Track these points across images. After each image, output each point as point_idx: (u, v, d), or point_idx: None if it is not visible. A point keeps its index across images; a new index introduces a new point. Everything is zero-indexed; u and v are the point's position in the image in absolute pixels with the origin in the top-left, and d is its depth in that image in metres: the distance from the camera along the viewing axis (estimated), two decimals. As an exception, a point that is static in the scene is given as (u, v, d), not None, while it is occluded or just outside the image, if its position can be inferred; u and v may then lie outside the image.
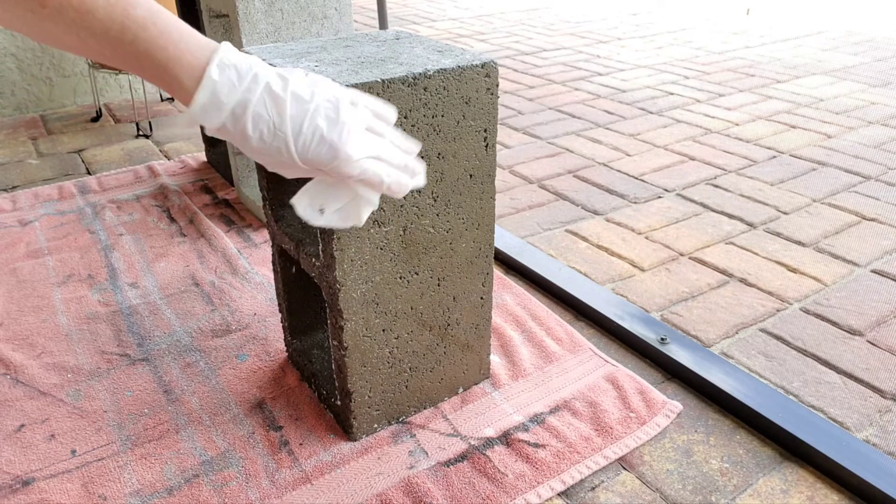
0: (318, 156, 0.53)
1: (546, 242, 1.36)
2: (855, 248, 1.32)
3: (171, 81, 0.52)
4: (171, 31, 0.52)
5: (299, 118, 0.52)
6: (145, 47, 0.52)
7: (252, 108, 0.52)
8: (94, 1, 0.51)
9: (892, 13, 3.86)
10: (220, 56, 0.52)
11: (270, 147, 0.53)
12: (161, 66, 0.52)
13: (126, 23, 0.51)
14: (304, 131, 0.52)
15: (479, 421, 0.88)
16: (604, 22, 3.64)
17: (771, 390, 0.92)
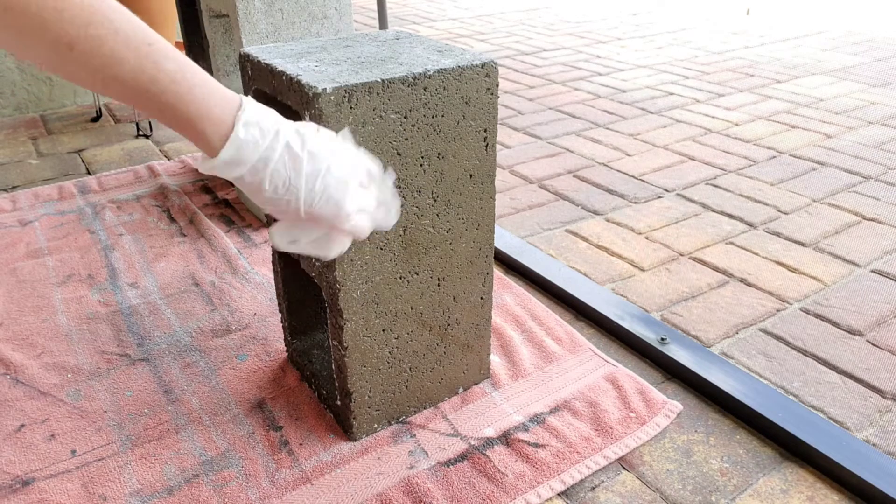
0: (323, 211, 0.57)
1: (546, 242, 1.36)
2: (855, 248, 1.32)
3: (196, 135, 0.55)
4: (198, 85, 0.54)
5: (313, 177, 0.56)
6: (174, 101, 0.54)
7: (272, 165, 0.55)
8: (125, 51, 0.52)
9: (892, 13, 3.86)
10: (246, 115, 0.55)
11: (281, 199, 0.56)
12: (188, 121, 0.54)
13: (157, 75, 0.53)
14: (315, 189, 0.56)
15: (479, 421, 0.88)
16: (604, 22, 3.64)
17: (771, 390, 0.92)
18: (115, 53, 0.52)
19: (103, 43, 0.51)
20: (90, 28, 0.51)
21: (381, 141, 0.71)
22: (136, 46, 0.53)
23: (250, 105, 0.56)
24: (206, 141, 0.55)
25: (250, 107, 0.56)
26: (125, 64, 0.52)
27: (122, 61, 0.52)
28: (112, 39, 0.52)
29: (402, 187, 0.75)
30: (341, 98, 0.66)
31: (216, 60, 1.41)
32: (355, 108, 0.68)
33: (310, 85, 0.66)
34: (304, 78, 0.68)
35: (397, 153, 0.73)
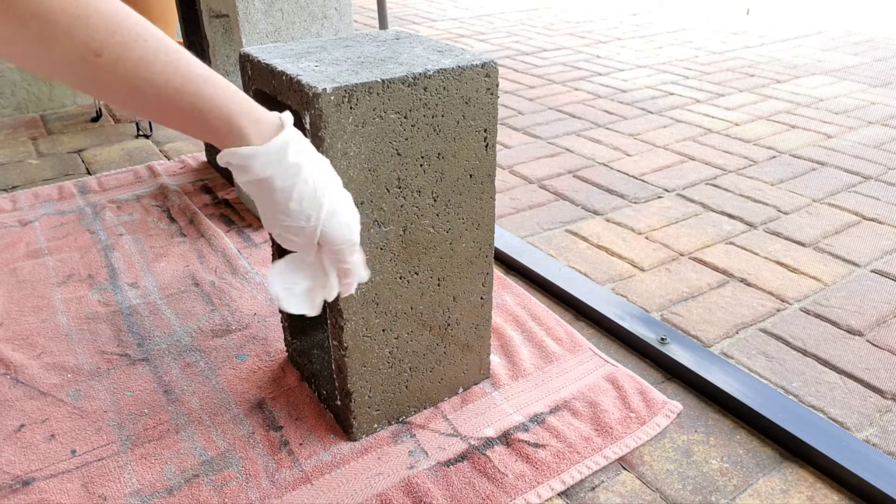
0: (336, 232, 0.57)
1: (546, 242, 1.36)
2: (855, 248, 1.32)
3: (231, 132, 0.54)
4: (232, 88, 0.54)
5: (336, 195, 0.57)
6: (209, 100, 0.53)
7: (304, 173, 0.54)
8: (153, 56, 0.52)
9: (892, 13, 3.86)
10: (291, 135, 0.54)
11: (301, 212, 0.56)
12: (225, 119, 0.53)
13: (189, 76, 0.53)
14: (336, 207, 0.56)
15: (479, 421, 0.88)
16: (604, 22, 3.64)
17: (771, 390, 0.92)
18: (144, 58, 0.51)
19: (131, 49, 0.51)
20: (116, 35, 0.50)
21: (381, 141, 0.71)
22: (165, 52, 0.53)
23: (288, 118, 0.56)
24: (241, 132, 0.54)
25: (288, 119, 0.56)
26: (155, 67, 0.52)
27: (151, 64, 0.52)
28: (140, 46, 0.52)
29: (402, 187, 0.75)
30: (341, 98, 0.66)
31: (216, 60, 1.41)
32: (355, 108, 0.68)
33: (310, 85, 0.66)
34: (304, 78, 0.68)
35: (397, 153, 0.73)
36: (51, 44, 0.49)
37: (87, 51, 0.50)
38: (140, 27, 0.52)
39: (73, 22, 0.49)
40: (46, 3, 0.47)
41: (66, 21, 0.49)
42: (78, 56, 0.50)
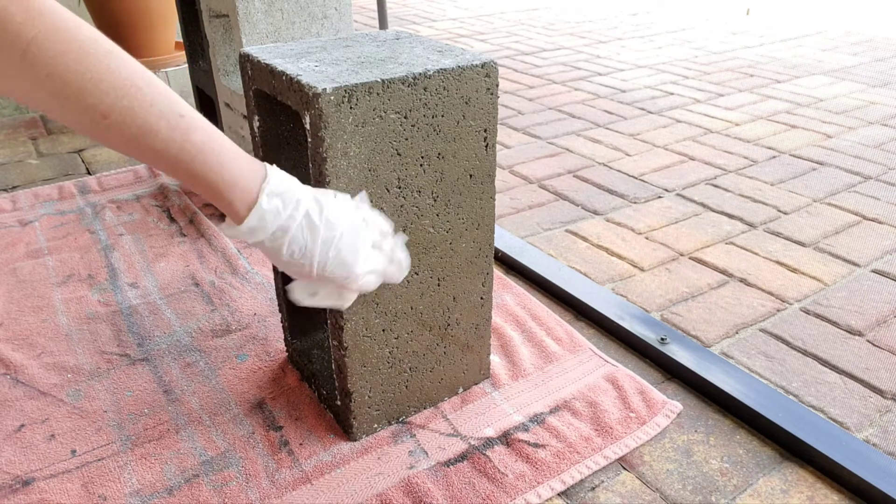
0: (334, 274, 0.62)
1: (546, 242, 1.36)
2: (855, 248, 1.32)
3: (224, 203, 0.59)
4: (226, 155, 0.58)
5: (327, 244, 0.61)
6: (202, 170, 0.57)
7: (291, 233, 0.59)
8: (157, 122, 0.55)
9: (891, 13, 3.86)
10: (270, 186, 0.59)
11: (297, 263, 0.61)
12: (216, 190, 0.58)
13: (186, 146, 0.56)
14: (328, 255, 0.61)
15: (479, 421, 0.88)
16: (604, 22, 3.64)
17: (771, 390, 0.92)
18: (148, 125, 0.54)
19: (136, 115, 0.54)
20: (124, 100, 0.53)
21: (381, 141, 0.71)
22: (168, 118, 0.55)
23: (274, 175, 0.60)
24: (233, 208, 0.59)
25: (274, 177, 0.60)
26: (157, 135, 0.55)
27: (153, 132, 0.55)
28: (145, 112, 0.54)
29: (402, 187, 0.75)
30: (341, 98, 0.66)
31: (216, 60, 1.41)
32: (355, 108, 0.68)
33: (310, 85, 0.66)
34: (304, 78, 0.68)
35: (397, 153, 0.73)
36: (64, 101, 0.51)
37: (96, 113, 0.52)
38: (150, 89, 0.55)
39: (84, 84, 0.51)
40: (60, 65, 0.50)
41: (77, 83, 0.51)
42: (87, 116, 0.53)
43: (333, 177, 0.69)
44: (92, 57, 0.52)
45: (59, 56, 0.50)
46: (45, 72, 0.49)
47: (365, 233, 0.64)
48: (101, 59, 0.52)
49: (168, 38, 2.09)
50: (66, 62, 0.50)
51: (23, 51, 0.48)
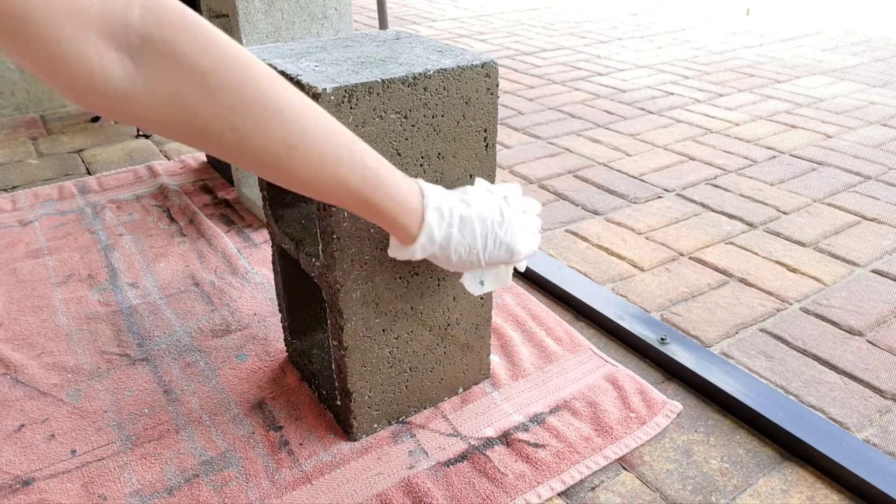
0: (500, 258, 0.69)
1: (546, 242, 1.36)
2: (855, 248, 1.32)
3: (397, 228, 0.62)
4: (394, 180, 0.60)
5: (484, 235, 0.66)
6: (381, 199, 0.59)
7: (454, 239, 0.65)
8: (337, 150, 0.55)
9: (891, 13, 3.86)
10: (430, 202, 0.63)
11: (466, 262, 0.67)
12: (392, 217, 0.61)
13: (366, 173, 0.58)
14: (489, 244, 0.67)
15: (479, 421, 0.88)
16: (604, 22, 3.64)
17: (771, 390, 0.92)
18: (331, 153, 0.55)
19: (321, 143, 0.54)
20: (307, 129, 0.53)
21: (381, 141, 0.71)
22: (345, 144, 0.56)
23: (428, 190, 0.64)
24: (406, 231, 0.63)
25: (429, 192, 0.63)
26: (341, 163, 0.56)
27: (338, 161, 0.56)
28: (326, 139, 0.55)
29: (402, 187, 0.75)
30: (341, 98, 0.66)
31: (216, 60, 1.41)
32: (355, 108, 0.68)
33: (310, 85, 0.66)
34: (304, 78, 0.68)
35: (397, 153, 0.73)
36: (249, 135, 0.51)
37: (282, 144, 0.52)
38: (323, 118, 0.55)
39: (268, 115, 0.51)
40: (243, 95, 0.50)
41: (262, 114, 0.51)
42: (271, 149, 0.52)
43: (333, 177, 0.69)
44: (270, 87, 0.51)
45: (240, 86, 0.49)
46: (227, 102, 0.49)
47: (509, 210, 0.68)
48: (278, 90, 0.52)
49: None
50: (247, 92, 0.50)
51: (201, 81, 0.48)
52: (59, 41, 0.43)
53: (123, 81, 0.46)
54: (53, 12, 0.43)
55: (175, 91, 0.47)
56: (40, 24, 0.42)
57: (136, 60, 0.46)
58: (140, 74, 0.46)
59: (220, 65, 0.49)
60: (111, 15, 0.45)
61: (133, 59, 0.46)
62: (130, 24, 0.46)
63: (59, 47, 0.43)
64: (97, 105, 0.47)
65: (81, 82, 0.45)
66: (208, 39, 0.49)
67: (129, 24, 0.46)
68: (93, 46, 0.44)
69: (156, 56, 0.46)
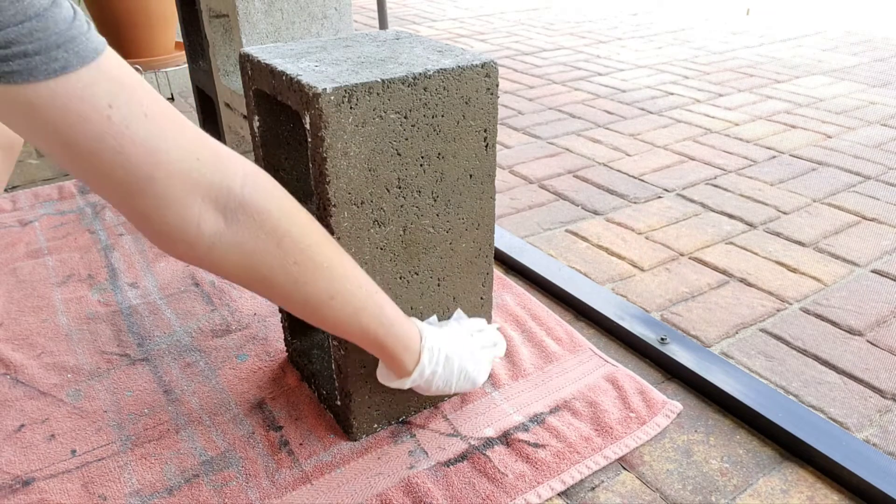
0: (463, 388, 0.81)
1: (546, 242, 1.36)
2: (855, 248, 1.32)
3: (395, 364, 0.73)
4: (401, 324, 0.71)
5: (458, 372, 0.77)
6: (392, 341, 0.71)
7: (438, 374, 0.75)
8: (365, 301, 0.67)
9: (891, 13, 3.86)
10: (427, 343, 0.74)
11: (440, 391, 0.78)
12: (395, 355, 0.72)
13: (382, 320, 0.69)
14: (460, 379, 0.78)
15: (479, 421, 0.88)
16: (604, 22, 3.64)
17: (771, 390, 0.92)
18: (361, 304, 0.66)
19: (354, 296, 0.66)
20: (346, 283, 0.65)
21: (381, 141, 0.71)
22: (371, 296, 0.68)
23: (426, 332, 0.75)
24: (402, 366, 0.73)
25: (427, 334, 0.74)
26: (366, 311, 0.67)
27: (364, 310, 0.67)
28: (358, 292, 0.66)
29: (402, 187, 0.75)
30: (341, 98, 0.66)
31: (216, 60, 1.41)
32: (355, 108, 0.68)
33: (310, 85, 0.66)
34: (304, 78, 0.68)
35: (397, 153, 0.73)
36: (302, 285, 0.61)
37: (325, 294, 0.63)
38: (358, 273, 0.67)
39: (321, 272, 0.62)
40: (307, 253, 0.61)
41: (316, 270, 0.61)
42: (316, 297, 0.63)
43: (333, 177, 0.69)
44: (327, 248, 0.63)
45: (307, 247, 0.61)
46: (295, 259, 0.59)
47: (478, 347, 0.81)
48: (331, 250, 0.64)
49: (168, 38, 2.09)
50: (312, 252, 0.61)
51: (278, 241, 0.58)
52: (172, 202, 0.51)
53: (212, 237, 0.54)
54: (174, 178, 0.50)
55: (255, 247, 0.57)
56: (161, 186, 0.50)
57: (228, 219, 0.55)
58: (228, 231, 0.55)
59: (295, 228, 0.59)
60: (219, 185, 0.54)
61: (226, 218, 0.55)
62: (233, 191, 0.55)
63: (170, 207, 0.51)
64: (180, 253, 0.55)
65: (176, 236, 0.53)
66: (291, 208, 0.60)
67: (231, 191, 0.55)
68: (196, 208, 0.53)
69: (247, 218, 0.56)
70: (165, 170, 0.50)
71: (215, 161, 0.54)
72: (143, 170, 0.49)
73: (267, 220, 0.57)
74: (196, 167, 0.52)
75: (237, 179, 0.55)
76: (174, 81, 2.36)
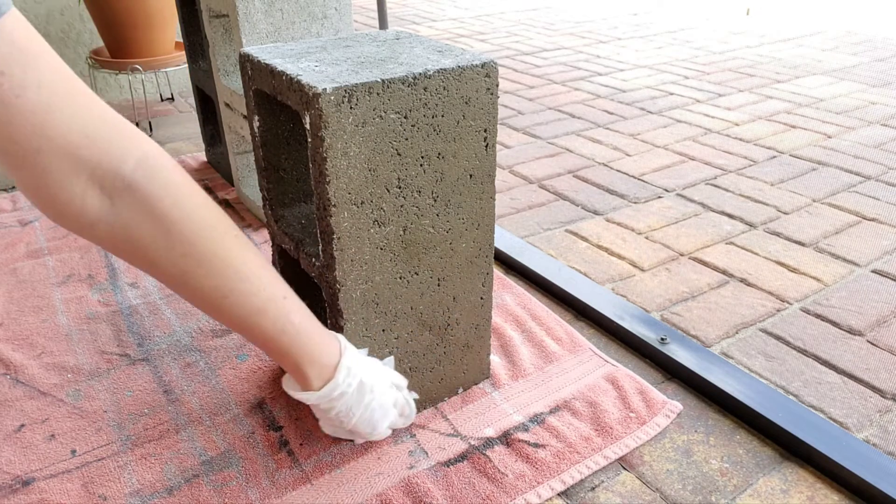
0: (361, 429, 0.77)
1: (546, 242, 1.36)
2: (855, 248, 1.32)
3: (299, 375, 0.71)
4: (314, 336, 0.69)
5: (365, 407, 0.74)
6: (294, 350, 0.68)
7: (346, 399, 0.72)
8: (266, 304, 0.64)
9: (891, 13, 3.86)
10: (345, 362, 0.71)
11: (336, 419, 0.75)
12: (298, 365, 0.69)
13: (287, 327, 0.66)
14: (364, 415, 0.75)
15: (479, 421, 0.88)
16: (604, 22, 3.64)
17: (771, 390, 0.92)
18: (259, 306, 0.64)
19: (251, 296, 0.63)
20: (243, 283, 0.62)
21: (381, 141, 0.71)
22: (276, 301, 0.65)
23: (348, 352, 0.72)
24: (307, 381, 0.70)
25: (349, 353, 0.72)
26: (266, 315, 0.65)
27: (263, 313, 0.64)
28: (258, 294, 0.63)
29: (402, 187, 0.75)
30: (341, 98, 0.66)
31: (216, 60, 1.41)
32: (355, 108, 0.68)
33: (310, 85, 0.66)
34: (304, 78, 0.68)
35: (397, 153, 0.73)
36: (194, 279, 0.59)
37: (218, 292, 0.61)
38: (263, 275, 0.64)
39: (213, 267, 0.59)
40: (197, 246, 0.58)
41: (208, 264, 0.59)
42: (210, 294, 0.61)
43: (333, 177, 0.69)
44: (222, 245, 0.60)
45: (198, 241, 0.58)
46: (183, 251, 0.57)
47: (392, 396, 0.77)
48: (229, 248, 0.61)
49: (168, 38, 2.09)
50: (203, 246, 0.58)
51: (167, 230, 0.56)
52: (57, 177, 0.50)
53: (95, 214, 0.54)
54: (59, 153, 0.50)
55: (141, 232, 0.55)
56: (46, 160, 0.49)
57: (114, 200, 0.54)
58: (112, 212, 0.54)
59: (189, 219, 0.57)
60: (107, 165, 0.53)
61: (111, 199, 0.54)
62: (121, 173, 0.53)
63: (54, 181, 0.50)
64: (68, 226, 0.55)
65: (60, 209, 0.53)
66: (189, 198, 0.57)
67: (119, 172, 0.53)
68: (81, 186, 0.52)
69: (134, 202, 0.54)
70: (52, 144, 0.49)
71: (109, 139, 0.52)
72: (31, 142, 0.48)
73: (157, 206, 0.55)
74: (85, 144, 0.51)
75: (129, 161, 0.53)
76: (174, 81, 2.36)
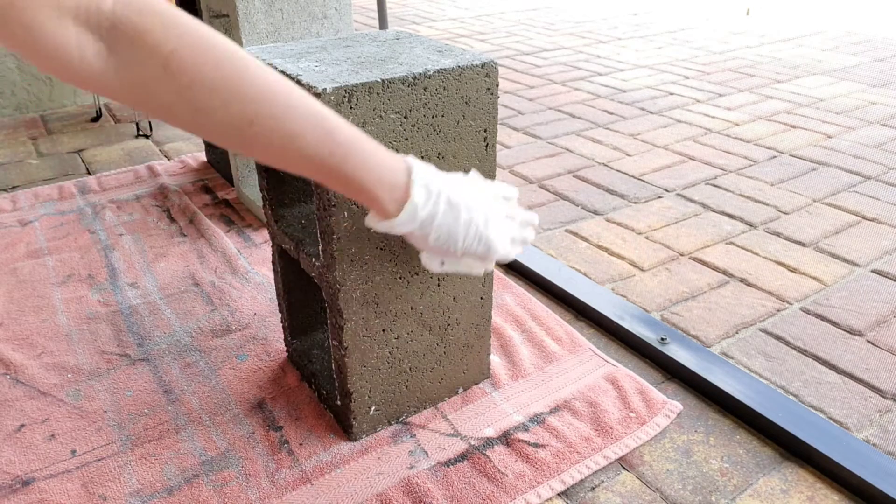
0: (476, 251, 0.66)
1: (546, 242, 1.36)
2: (855, 248, 1.32)
3: (370, 200, 0.60)
4: (369, 153, 0.59)
5: (467, 224, 0.63)
6: (351, 171, 0.57)
7: (437, 219, 0.62)
8: (301, 126, 0.55)
9: (891, 13, 3.86)
10: (416, 180, 0.61)
11: (443, 245, 0.64)
12: (365, 190, 0.59)
13: (333, 148, 0.56)
14: (469, 233, 0.64)
15: (479, 421, 0.88)
16: (604, 22, 3.64)
17: (771, 390, 0.92)
18: (294, 129, 0.55)
19: (281, 119, 0.54)
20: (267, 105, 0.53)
21: (381, 141, 0.71)
22: (310, 120, 0.56)
23: (418, 166, 0.62)
24: (382, 206, 0.60)
25: (418, 168, 0.61)
26: (304, 138, 0.55)
27: (300, 136, 0.55)
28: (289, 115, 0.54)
29: (402, 187, 0.75)
30: (341, 98, 0.66)
31: (216, 60, 1.41)
32: (355, 108, 0.68)
33: (310, 85, 0.66)
34: (305, 78, 0.68)
35: (397, 153, 0.73)
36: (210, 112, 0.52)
37: (242, 121, 0.53)
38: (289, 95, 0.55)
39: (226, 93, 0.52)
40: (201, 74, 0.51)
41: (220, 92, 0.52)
42: (232, 125, 0.53)
43: (333, 177, 0.69)
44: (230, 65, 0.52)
45: (200, 66, 0.51)
46: (187, 82, 0.50)
47: (498, 208, 0.67)
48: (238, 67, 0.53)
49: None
50: (207, 71, 0.51)
51: (164, 63, 0.50)
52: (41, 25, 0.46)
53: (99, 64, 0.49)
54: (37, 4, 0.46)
55: (141, 73, 0.50)
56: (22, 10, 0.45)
57: (109, 45, 0.49)
58: (112, 58, 0.49)
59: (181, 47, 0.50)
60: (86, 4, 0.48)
61: (107, 43, 0.49)
62: (101, 11, 0.48)
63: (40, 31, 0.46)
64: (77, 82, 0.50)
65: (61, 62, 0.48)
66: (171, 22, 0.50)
67: (100, 11, 0.48)
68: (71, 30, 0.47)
69: (124, 41, 0.49)
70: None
71: None
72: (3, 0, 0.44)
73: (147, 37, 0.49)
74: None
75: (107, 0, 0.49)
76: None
